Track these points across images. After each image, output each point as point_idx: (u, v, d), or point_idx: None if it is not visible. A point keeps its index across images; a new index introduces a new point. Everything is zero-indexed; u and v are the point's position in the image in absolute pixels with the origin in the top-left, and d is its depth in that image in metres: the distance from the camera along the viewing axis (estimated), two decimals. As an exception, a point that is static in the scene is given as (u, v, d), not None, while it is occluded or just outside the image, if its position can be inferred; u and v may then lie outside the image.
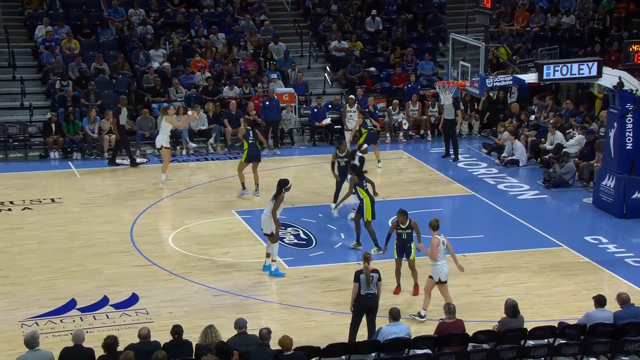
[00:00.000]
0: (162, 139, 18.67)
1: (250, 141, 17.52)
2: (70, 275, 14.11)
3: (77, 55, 22.96)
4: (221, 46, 24.07)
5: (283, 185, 14.04)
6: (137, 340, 10.05)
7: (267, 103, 21.51)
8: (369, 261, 11.50)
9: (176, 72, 23.14)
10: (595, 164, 18.33)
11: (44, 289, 13.58)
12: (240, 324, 10.20)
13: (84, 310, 12.85)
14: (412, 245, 13.23)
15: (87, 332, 11.29)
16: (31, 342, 9.66)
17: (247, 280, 14.01)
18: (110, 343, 9.70)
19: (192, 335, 10.38)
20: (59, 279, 13.96)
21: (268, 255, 14.13)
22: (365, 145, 18.20)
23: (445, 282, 12.37)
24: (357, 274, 11.42)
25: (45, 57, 22.89)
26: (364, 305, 11.42)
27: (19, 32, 24.19)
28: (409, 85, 23.33)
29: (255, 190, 17.94)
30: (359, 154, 17.09)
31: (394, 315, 10.58)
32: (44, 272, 14.20)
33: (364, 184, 15.03)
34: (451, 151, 20.75)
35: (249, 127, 17.77)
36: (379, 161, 19.67)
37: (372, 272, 11.41)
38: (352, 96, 21.67)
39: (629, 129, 16.48)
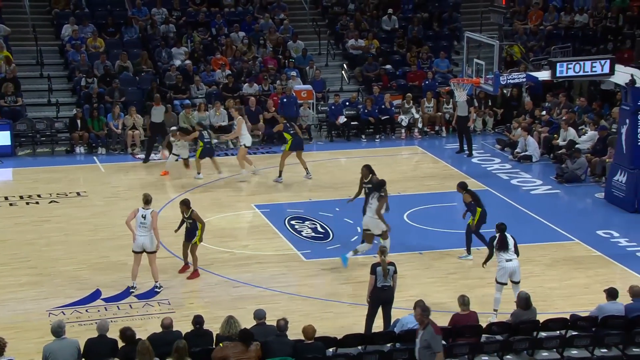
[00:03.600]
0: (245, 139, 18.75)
1: (291, 132, 18.21)
2: (95, 266, 14.20)
3: (102, 53, 23.07)
4: (241, 44, 24.09)
5: (382, 185, 14.19)
6: (159, 330, 10.09)
7: (285, 100, 21.51)
8: (385, 254, 11.48)
9: (197, 70, 23.19)
10: (607, 160, 18.19)
11: (70, 279, 13.67)
12: (259, 315, 10.22)
13: (108, 300, 12.92)
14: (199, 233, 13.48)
15: (112, 321, 11.36)
16: (57, 331, 9.72)
17: (266, 273, 14.03)
18: (128, 335, 9.73)
19: (213, 326, 10.41)
20: (84, 270, 14.04)
21: (356, 251, 14.04)
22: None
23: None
24: (374, 267, 11.41)
25: (72, 55, 23.02)
26: (381, 297, 11.40)
27: (46, 31, 24.33)
28: (427, 82, 23.23)
29: (307, 173, 18.64)
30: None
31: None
32: (70, 264, 14.29)
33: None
34: (465, 147, 20.66)
35: (285, 120, 18.61)
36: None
37: (388, 265, 11.39)
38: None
39: (641, 125, 16.34)
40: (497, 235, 12.38)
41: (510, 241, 12.30)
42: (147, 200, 13.30)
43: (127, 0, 25.33)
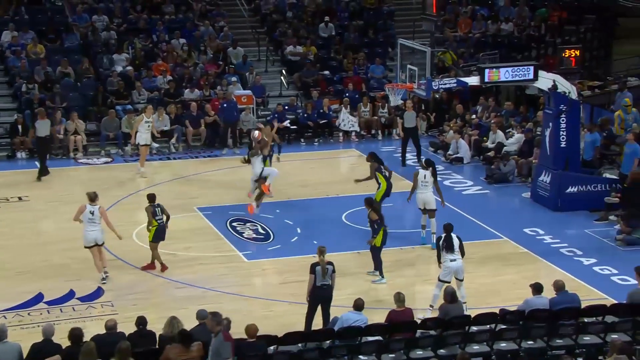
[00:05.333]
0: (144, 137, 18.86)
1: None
2: (37, 270, 13.91)
3: (42, 59, 22.59)
4: (181, 51, 23.89)
5: (432, 165, 15.14)
6: (103, 331, 9.95)
7: (225, 105, 21.39)
8: (324, 254, 11.53)
9: (139, 76, 22.92)
10: (533, 161, 18.63)
11: (12, 283, 13.35)
12: (201, 315, 10.15)
13: (50, 303, 12.66)
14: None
15: (54, 324, 11.11)
16: None
17: (209, 273, 13.96)
18: (76, 334, 9.59)
19: (156, 326, 10.31)
20: (26, 274, 13.74)
21: (423, 227, 14.93)
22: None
23: None
24: (313, 266, 11.45)
25: (12, 61, 22.52)
26: (320, 295, 11.45)
27: (-15, 37, 23.70)
28: (347, 94, 23.11)
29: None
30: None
31: (358, 306, 10.62)
32: (11, 267, 13.96)
33: (383, 170, 15.43)
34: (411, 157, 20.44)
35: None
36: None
37: (327, 264, 11.45)
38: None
39: (562, 128, 16.77)
40: (444, 235, 12.47)
41: (456, 242, 12.38)
42: (92, 198, 13.41)
43: (67, 7, 24.87)
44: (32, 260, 14.27)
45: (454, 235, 12.43)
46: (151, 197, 14.01)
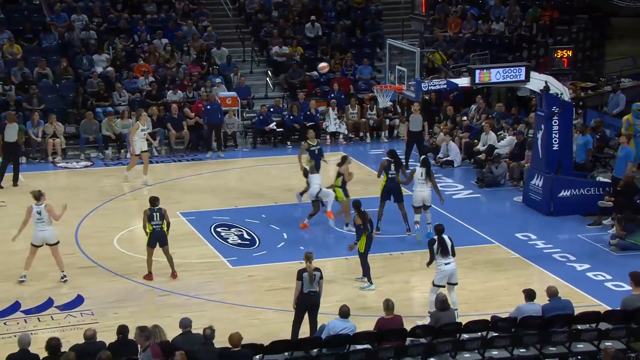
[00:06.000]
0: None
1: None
2: (15, 277, 13.80)
3: (19, 59, 22.47)
4: (164, 51, 23.83)
5: (427, 164, 15.46)
6: (82, 341, 9.89)
7: (209, 107, 21.34)
8: (311, 260, 11.52)
9: (120, 77, 22.84)
10: (525, 164, 18.69)
11: (-13, 292, 13.25)
12: (185, 324, 10.12)
13: (28, 312, 12.58)
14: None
15: (32, 333, 11.06)
16: (-25, 346, 9.43)
17: (192, 280, 13.92)
18: (53, 345, 9.52)
19: (138, 336, 10.25)
20: (3, 282, 13.64)
21: (417, 222, 15.26)
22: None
23: None
24: (300, 273, 11.45)
25: (-13, 61, 22.40)
26: (307, 302, 11.45)
27: (-40, 37, 23.55)
28: (332, 95, 23.14)
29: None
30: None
31: (344, 313, 10.62)
32: (-13, 276, 13.86)
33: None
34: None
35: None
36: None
37: (314, 271, 11.44)
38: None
39: (555, 130, 16.84)
40: (436, 237, 12.50)
41: (448, 243, 12.42)
42: (36, 197, 13.56)
43: (45, 6, 24.75)
44: (8, 268, 14.17)
45: (446, 237, 12.46)
46: (152, 201, 13.89)
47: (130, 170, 18.98)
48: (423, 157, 16.24)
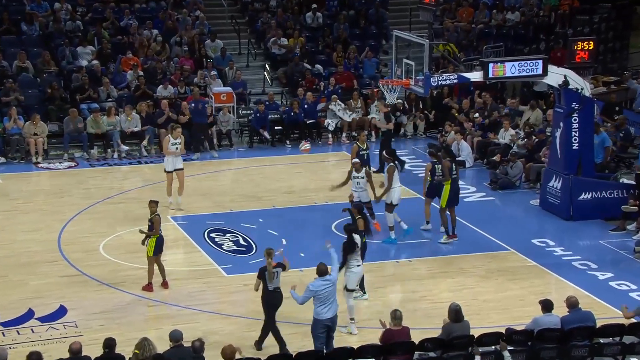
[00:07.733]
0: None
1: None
2: (-7, 286, 13.84)
3: (-3, 52, 22.55)
4: (154, 43, 23.84)
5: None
6: (66, 355, 9.90)
7: (193, 105, 21.01)
8: (271, 256, 11.88)
9: (106, 71, 22.84)
10: (542, 157, 18.61)
11: (-36, 302, 13.27)
12: (175, 337, 10.13)
13: (6, 325, 12.59)
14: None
15: (10, 347, 11.09)
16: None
17: (184, 290, 13.93)
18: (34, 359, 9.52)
19: (125, 349, 10.28)
20: (-19, 292, 13.66)
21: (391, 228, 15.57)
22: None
23: None
24: (262, 271, 11.82)
25: (-38, 54, 22.44)
26: (275, 300, 11.87)
27: None
28: (329, 90, 23.17)
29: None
30: None
31: (322, 271, 11.23)
32: (-36, 285, 13.89)
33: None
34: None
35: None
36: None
37: (275, 268, 11.82)
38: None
39: (574, 128, 16.84)
40: (347, 237, 12.60)
41: (359, 243, 12.57)
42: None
43: (25, -6, 24.79)
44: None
45: (356, 236, 12.59)
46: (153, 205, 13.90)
47: (171, 193, 17.35)
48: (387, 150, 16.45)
